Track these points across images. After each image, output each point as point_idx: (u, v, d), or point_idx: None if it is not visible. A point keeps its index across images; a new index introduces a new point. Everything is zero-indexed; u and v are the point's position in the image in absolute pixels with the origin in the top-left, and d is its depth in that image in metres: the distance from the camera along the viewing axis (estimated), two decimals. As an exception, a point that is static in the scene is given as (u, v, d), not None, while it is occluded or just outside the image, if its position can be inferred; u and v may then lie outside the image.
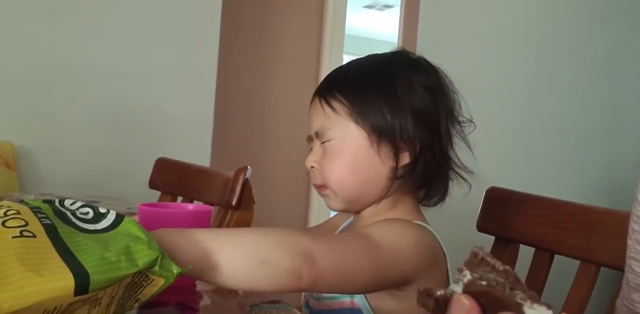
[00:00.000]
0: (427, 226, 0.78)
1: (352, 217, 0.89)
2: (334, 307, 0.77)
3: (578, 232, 0.82)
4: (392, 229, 0.70)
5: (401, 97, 0.77)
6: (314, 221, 2.80)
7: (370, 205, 0.80)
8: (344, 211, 0.84)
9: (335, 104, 0.78)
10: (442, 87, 0.81)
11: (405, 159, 0.77)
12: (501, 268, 0.30)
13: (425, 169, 0.78)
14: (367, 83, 0.79)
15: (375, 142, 0.76)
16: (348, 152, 0.77)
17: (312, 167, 0.80)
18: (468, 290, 0.30)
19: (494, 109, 2.53)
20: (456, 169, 0.81)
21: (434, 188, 0.81)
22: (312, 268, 0.56)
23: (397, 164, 0.76)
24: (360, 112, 0.77)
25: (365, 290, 0.68)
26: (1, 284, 0.41)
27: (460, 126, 0.81)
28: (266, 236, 0.57)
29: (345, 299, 0.76)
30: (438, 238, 0.76)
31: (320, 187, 0.80)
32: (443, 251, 0.76)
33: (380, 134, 0.76)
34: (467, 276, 0.31)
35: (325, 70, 2.80)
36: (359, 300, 0.75)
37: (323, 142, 0.79)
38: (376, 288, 0.67)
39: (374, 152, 0.76)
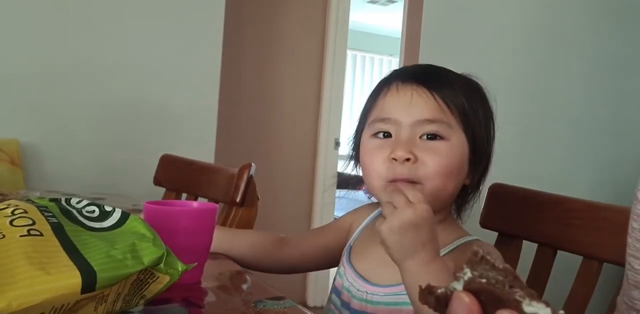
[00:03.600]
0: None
1: (374, 213, 0.87)
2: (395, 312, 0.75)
3: (581, 228, 0.82)
4: None
5: (493, 126, 0.81)
6: (317, 217, 2.81)
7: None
8: None
9: (451, 105, 0.75)
10: None
11: (468, 180, 0.79)
12: (501, 266, 0.30)
13: (471, 195, 0.82)
14: (474, 101, 0.79)
15: (467, 160, 0.77)
16: (457, 159, 0.75)
17: (409, 159, 0.72)
18: (468, 288, 0.31)
19: (499, 105, 2.52)
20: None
21: (462, 211, 0.84)
22: None
23: (468, 183, 0.79)
24: (470, 126, 0.76)
25: None
26: (10, 283, 0.42)
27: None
28: None
29: (405, 307, 0.74)
30: None
31: (405, 182, 0.73)
32: None
33: (473, 154, 0.77)
34: (468, 274, 0.31)
35: (329, 65, 2.80)
36: None
37: (431, 138, 0.74)
38: None
39: (466, 167, 0.77)
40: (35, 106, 1.77)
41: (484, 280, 0.30)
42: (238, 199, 1.19)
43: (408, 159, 0.72)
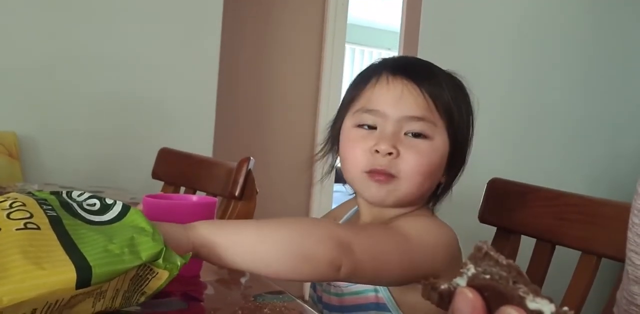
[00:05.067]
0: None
1: (355, 208, 0.88)
2: (358, 302, 0.76)
3: (579, 223, 0.82)
4: (420, 225, 0.71)
5: (473, 127, 0.80)
6: (315, 211, 2.81)
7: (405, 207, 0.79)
8: (384, 205, 0.78)
9: (438, 104, 0.75)
10: None
11: (443, 178, 0.80)
12: (504, 262, 0.30)
13: (443, 194, 0.82)
14: (459, 100, 0.78)
15: (446, 159, 0.77)
16: (437, 160, 0.75)
17: (391, 153, 0.73)
18: (472, 284, 0.31)
19: (498, 100, 2.52)
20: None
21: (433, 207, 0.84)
22: (350, 259, 0.58)
23: (443, 181, 0.80)
24: (454, 126, 0.76)
25: (396, 282, 0.70)
26: (1, 277, 0.41)
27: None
28: (305, 230, 0.60)
29: (370, 294, 0.75)
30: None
31: (385, 176, 0.74)
32: (459, 247, 0.77)
33: (452, 154, 0.77)
34: (471, 269, 0.31)
35: (328, 59, 2.80)
36: (383, 294, 0.74)
37: (416, 136, 0.74)
38: (407, 280, 0.68)
39: (443, 167, 0.78)
40: (33, 99, 1.76)
41: (487, 276, 0.30)
42: (237, 193, 1.18)
43: (390, 153, 0.73)
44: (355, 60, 5.95)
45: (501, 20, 2.57)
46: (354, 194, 0.86)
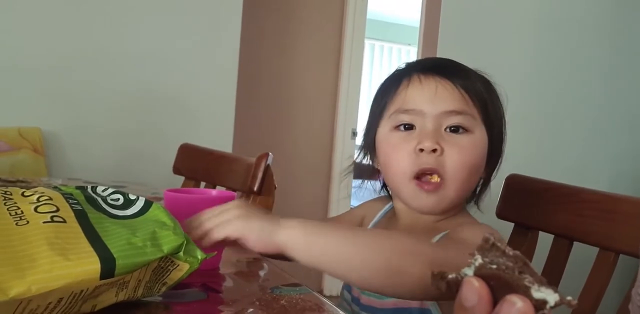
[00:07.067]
0: None
1: (385, 209, 0.87)
2: (401, 306, 0.74)
3: (598, 219, 0.82)
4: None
5: (505, 120, 0.80)
6: (334, 206, 2.83)
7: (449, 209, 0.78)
8: (434, 214, 0.77)
9: (473, 97, 0.75)
10: None
11: (484, 173, 0.80)
12: (511, 253, 0.31)
13: (483, 188, 0.82)
14: (490, 94, 0.79)
15: (486, 152, 0.77)
16: (480, 154, 0.75)
17: (435, 150, 0.72)
18: (479, 273, 0.32)
19: (518, 96, 2.49)
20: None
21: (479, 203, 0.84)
22: None
23: (484, 176, 0.80)
24: (490, 119, 0.77)
25: None
26: (30, 267, 0.43)
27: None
28: (399, 244, 0.59)
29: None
30: None
31: (434, 185, 0.73)
32: None
33: (490, 147, 0.77)
34: (478, 260, 0.32)
35: (347, 55, 2.80)
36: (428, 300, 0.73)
37: (455, 130, 0.74)
38: None
39: (485, 161, 0.77)
40: (57, 96, 1.80)
41: (494, 266, 0.31)
42: (255, 188, 1.20)
43: (434, 150, 0.72)
44: (375, 55, 5.93)
45: (521, 15, 2.55)
46: (381, 194, 0.87)
